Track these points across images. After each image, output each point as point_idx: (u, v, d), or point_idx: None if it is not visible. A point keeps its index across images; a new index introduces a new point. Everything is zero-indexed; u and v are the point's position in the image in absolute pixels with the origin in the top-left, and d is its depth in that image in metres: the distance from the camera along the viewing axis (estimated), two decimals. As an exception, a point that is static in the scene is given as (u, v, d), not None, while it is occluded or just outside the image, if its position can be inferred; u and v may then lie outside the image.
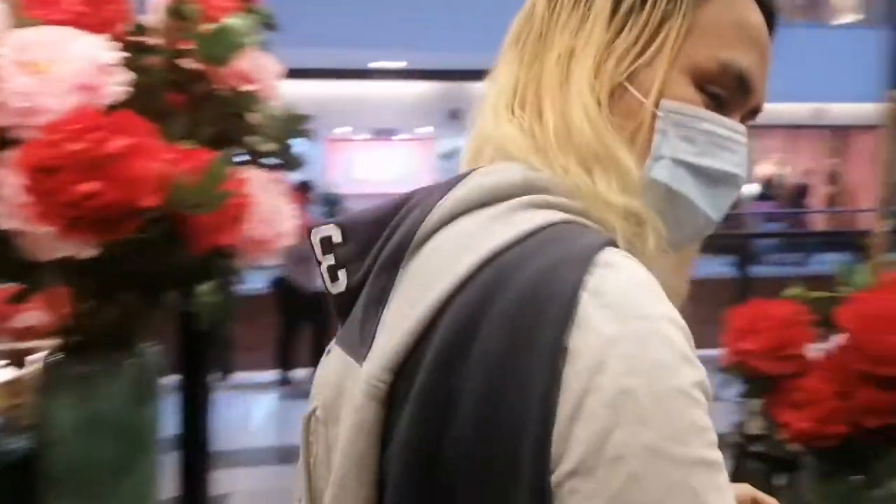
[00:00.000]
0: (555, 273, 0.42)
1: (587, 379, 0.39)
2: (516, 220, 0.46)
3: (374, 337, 0.49)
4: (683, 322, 0.43)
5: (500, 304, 0.42)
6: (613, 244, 0.45)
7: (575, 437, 0.38)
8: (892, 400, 1.24)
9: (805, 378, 1.35)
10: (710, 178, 0.52)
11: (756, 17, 0.54)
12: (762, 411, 1.45)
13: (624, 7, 0.51)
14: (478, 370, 0.42)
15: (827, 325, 1.40)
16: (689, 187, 0.52)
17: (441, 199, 0.50)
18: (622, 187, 0.48)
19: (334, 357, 0.55)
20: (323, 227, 0.54)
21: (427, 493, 0.43)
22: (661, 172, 0.51)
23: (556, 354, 0.39)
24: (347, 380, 0.50)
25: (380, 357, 0.46)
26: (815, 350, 1.38)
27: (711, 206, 0.53)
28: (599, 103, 0.50)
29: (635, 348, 0.39)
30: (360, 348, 0.50)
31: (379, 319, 0.49)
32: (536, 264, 0.43)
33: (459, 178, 0.51)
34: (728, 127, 0.53)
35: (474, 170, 0.52)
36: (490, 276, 0.44)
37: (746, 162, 0.54)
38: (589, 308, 0.40)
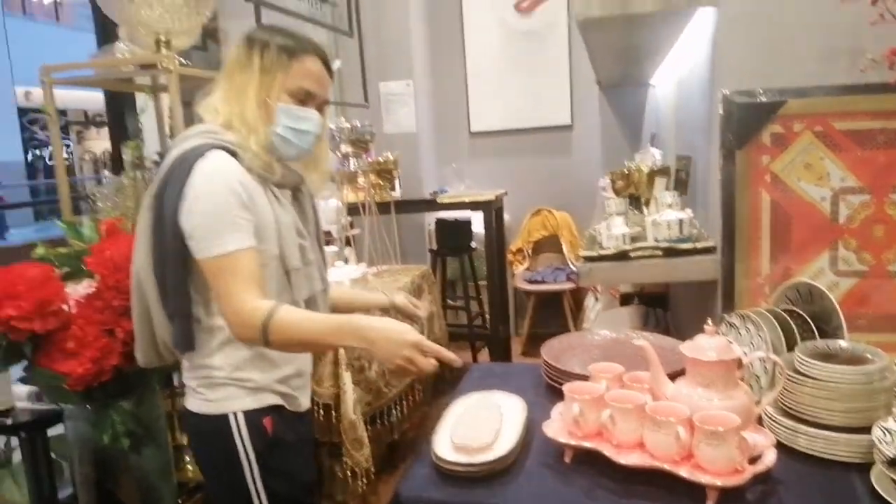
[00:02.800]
0: (190, 160, 1.21)
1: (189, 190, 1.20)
2: (189, 143, 1.25)
3: None
4: (235, 183, 1.23)
5: (177, 171, 1.22)
6: (219, 148, 1.25)
7: (186, 208, 1.20)
8: (146, 324, 1.47)
9: (70, 328, 1.44)
10: (300, 132, 1.32)
11: (315, 65, 1.32)
12: (30, 372, 1.45)
13: (265, 65, 1.28)
14: (170, 192, 1.21)
15: (76, 276, 1.52)
16: (293, 135, 1.32)
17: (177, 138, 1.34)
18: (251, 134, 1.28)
19: None
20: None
21: (155, 234, 1.25)
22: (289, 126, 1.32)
23: (184, 184, 1.20)
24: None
25: (150, 191, 1.27)
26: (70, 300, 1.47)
27: (302, 143, 1.34)
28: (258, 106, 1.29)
29: (203, 182, 1.20)
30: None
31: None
32: (187, 157, 1.22)
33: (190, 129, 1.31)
34: (301, 112, 1.32)
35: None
36: (175, 162, 1.23)
37: (318, 125, 1.34)
38: (193, 173, 1.20)
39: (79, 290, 1.51)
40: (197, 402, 1.31)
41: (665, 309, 3.53)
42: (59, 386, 1.42)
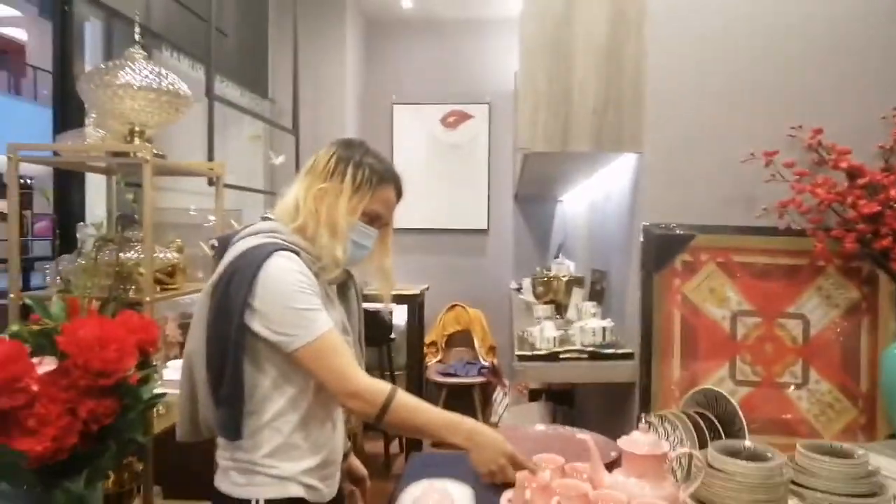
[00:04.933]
0: (257, 258, 1.29)
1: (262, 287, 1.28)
2: (254, 240, 1.34)
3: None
4: (303, 278, 1.31)
5: (241, 265, 1.29)
6: (284, 249, 1.32)
7: (263, 305, 1.28)
8: (110, 404, 1.50)
9: (34, 406, 1.44)
10: (360, 245, 1.42)
11: (391, 194, 1.46)
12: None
13: (355, 186, 1.38)
14: (235, 287, 1.28)
15: (43, 354, 1.52)
16: (353, 247, 1.40)
17: (241, 232, 1.40)
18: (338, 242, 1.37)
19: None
20: (213, 240, 1.53)
21: (212, 322, 1.32)
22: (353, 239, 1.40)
23: (253, 281, 1.27)
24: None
25: (212, 279, 1.34)
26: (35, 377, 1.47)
27: (357, 255, 1.43)
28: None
29: (275, 280, 1.28)
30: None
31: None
32: (254, 255, 1.30)
33: (251, 225, 1.41)
34: (367, 230, 1.42)
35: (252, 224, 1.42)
36: (240, 257, 1.31)
37: (373, 242, 1.45)
38: (262, 272, 1.27)
39: (40, 367, 1.52)
40: (226, 483, 1.37)
41: (571, 405, 3.76)
42: (15, 463, 1.41)
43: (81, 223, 2.05)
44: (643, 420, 1.43)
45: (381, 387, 1.31)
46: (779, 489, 1.40)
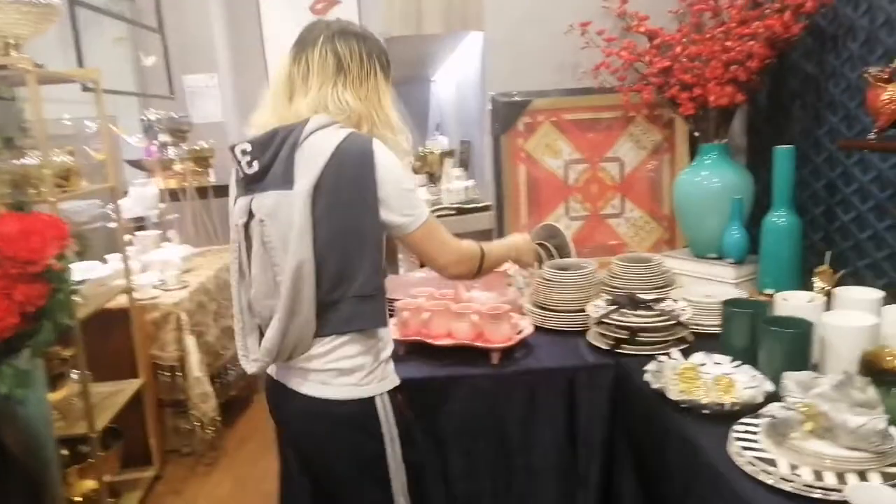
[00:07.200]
0: (364, 147, 1.25)
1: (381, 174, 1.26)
2: (340, 132, 1.26)
3: (293, 180, 1.24)
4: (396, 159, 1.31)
5: (348, 159, 1.24)
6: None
7: (384, 192, 1.26)
8: (40, 288, 1.73)
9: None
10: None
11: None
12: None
13: (388, 79, 1.37)
14: (347, 180, 1.24)
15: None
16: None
17: (304, 128, 1.25)
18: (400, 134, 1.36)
19: (264, 195, 1.28)
20: (239, 143, 1.32)
21: (331, 222, 1.25)
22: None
23: (373, 169, 1.25)
24: (282, 199, 1.25)
25: (307, 182, 1.22)
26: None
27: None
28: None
29: (388, 166, 1.27)
30: (287, 185, 1.24)
31: (293, 172, 1.25)
32: (356, 144, 1.25)
33: (305, 122, 1.26)
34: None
35: (309, 119, 1.26)
36: (341, 151, 1.23)
37: None
38: (376, 161, 1.25)
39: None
40: (338, 388, 1.30)
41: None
42: (-33, 342, 1.64)
43: (-29, 136, 2.14)
44: (489, 248, 1.82)
45: (474, 249, 1.41)
46: (591, 289, 1.86)
